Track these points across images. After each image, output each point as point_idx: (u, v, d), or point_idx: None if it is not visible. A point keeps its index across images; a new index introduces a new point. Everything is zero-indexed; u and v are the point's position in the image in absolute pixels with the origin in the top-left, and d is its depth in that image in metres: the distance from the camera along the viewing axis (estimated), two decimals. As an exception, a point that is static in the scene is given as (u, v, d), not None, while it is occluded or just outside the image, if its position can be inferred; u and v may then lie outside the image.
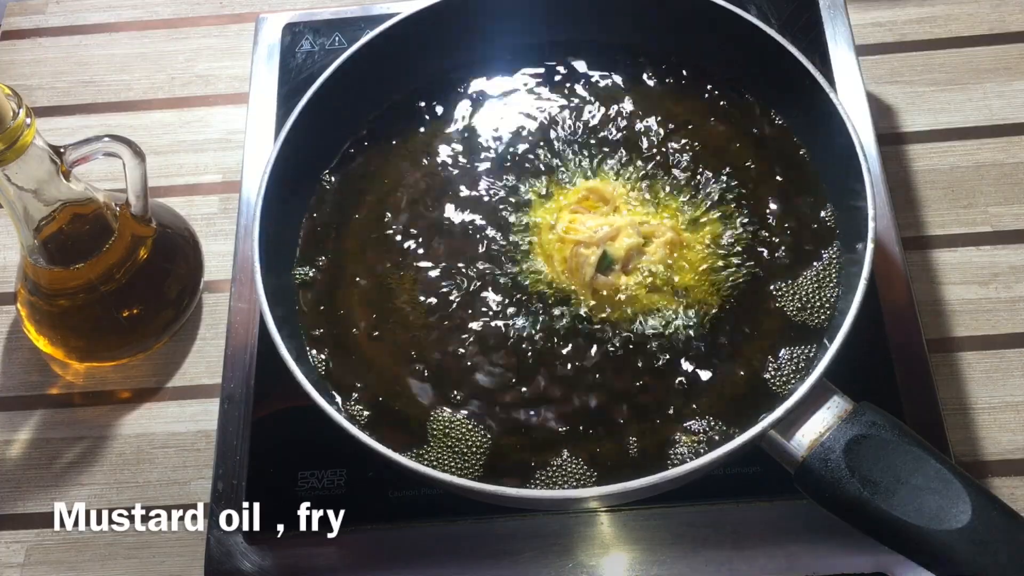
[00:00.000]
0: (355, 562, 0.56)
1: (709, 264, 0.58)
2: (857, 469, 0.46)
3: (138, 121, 0.79)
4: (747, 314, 0.56)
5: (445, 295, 0.59)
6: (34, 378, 0.68)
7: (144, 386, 0.67)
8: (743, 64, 0.63)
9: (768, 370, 0.54)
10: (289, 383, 0.52)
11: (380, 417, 0.55)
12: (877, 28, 0.77)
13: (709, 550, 0.54)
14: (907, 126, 0.72)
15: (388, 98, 0.66)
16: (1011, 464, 0.60)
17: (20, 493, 0.64)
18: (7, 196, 0.57)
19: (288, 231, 0.61)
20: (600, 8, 0.66)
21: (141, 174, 0.61)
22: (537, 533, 0.55)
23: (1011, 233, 0.68)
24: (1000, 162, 0.70)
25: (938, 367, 0.63)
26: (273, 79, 0.71)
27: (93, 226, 0.62)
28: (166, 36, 0.83)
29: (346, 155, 0.65)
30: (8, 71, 0.82)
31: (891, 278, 0.60)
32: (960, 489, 0.45)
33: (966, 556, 0.44)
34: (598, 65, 0.67)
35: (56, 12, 0.85)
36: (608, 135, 0.64)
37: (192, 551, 0.60)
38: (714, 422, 0.53)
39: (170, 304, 0.67)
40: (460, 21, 0.65)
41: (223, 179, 0.75)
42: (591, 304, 0.57)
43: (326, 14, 0.74)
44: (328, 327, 0.58)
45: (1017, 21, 0.76)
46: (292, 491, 0.56)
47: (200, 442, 0.65)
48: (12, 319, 0.70)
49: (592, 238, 0.57)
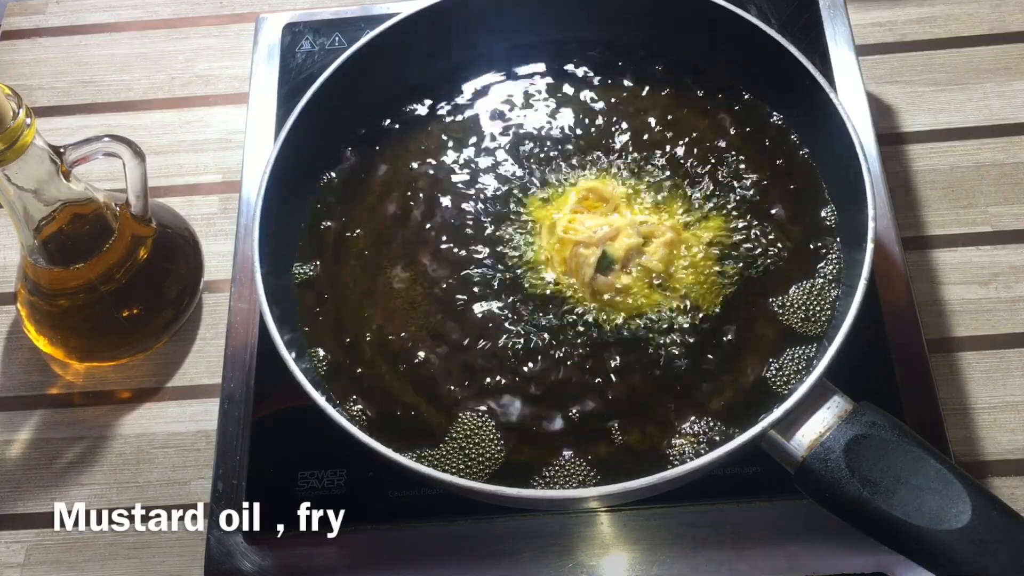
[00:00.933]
0: (355, 562, 0.56)
1: (709, 264, 0.58)
2: (857, 469, 0.46)
3: (138, 121, 0.79)
4: (747, 314, 0.56)
5: (445, 295, 0.58)
6: (34, 378, 0.68)
7: (144, 386, 0.67)
8: (743, 64, 0.63)
9: (768, 370, 0.54)
10: (289, 383, 0.52)
11: (380, 417, 0.55)
12: (877, 28, 0.77)
13: (709, 550, 0.54)
14: (907, 126, 0.72)
15: (388, 98, 0.66)
16: (1011, 464, 0.60)
17: (20, 493, 0.64)
18: (7, 196, 0.57)
19: (288, 231, 0.61)
20: (600, 8, 0.66)
21: (141, 174, 0.61)
22: (537, 533, 0.55)
23: (1011, 233, 0.68)
24: (1000, 162, 0.70)
25: (938, 367, 0.63)
26: (273, 79, 0.71)
27: (93, 226, 0.62)
28: (166, 36, 0.83)
29: (346, 155, 0.65)
30: (8, 71, 0.82)
31: (891, 278, 0.60)
32: (960, 489, 0.45)
33: (966, 556, 0.44)
34: (598, 65, 0.67)
35: (56, 12, 0.85)
36: (608, 135, 0.64)
37: (192, 551, 0.60)
38: (714, 422, 0.53)
39: (170, 304, 0.67)
40: (460, 21, 0.65)
41: (223, 179, 0.75)
42: (591, 304, 0.57)
43: (326, 14, 0.74)
44: (328, 327, 0.58)
45: (1017, 21, 0.76)
46: (292, 491, 0.56)
47: (200, 442, 0.65)
48: (12, 319, 0.70)
49: (592, 238, 0.57)
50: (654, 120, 0.64)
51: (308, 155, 0.62)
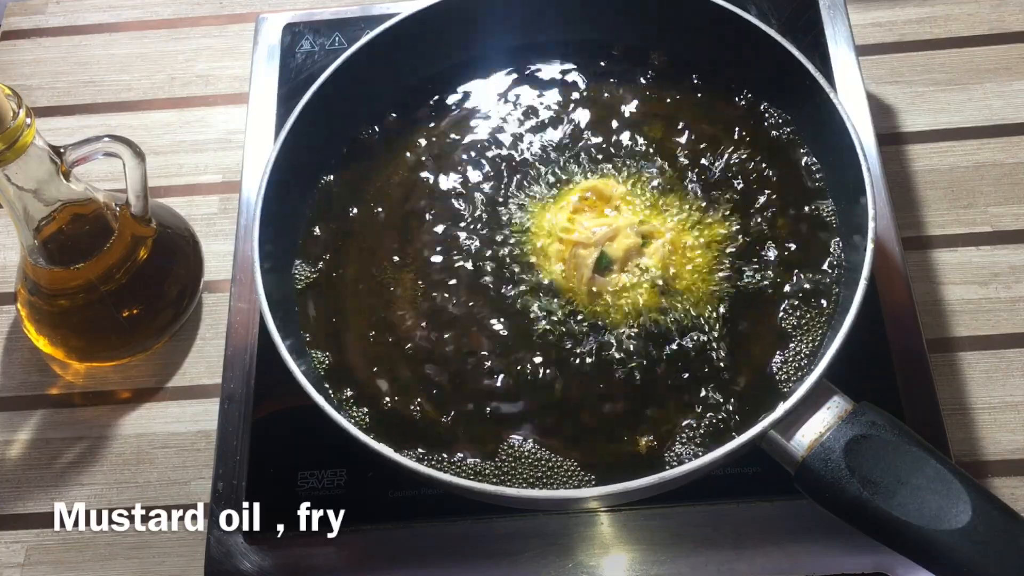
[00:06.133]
0: (355, 562, 0.56)
1: (708, 264, 0.58)
2: (857, 469, 0.46)
3: (138, 121, 0.79)
4: (746, 314, 0.56)
5: (445, 294, 0.58)
6: (34, 378, 0.68)
7: (144, 386, 0.67)
8: (743, 64, 0.63)
9: (768, 370, 0.54)
10: (289, 383, 0.52)
11: (380, 416, 0.55)
12: (877, 28, 0.77)
13: (709, 550, 0.54)
14: (907, 126, 0.72)
15: (388, 98, 0.66)
16: (1011, 464, 0.60)
17: (20, 493, 0.64)
18: (7, 196, 0.57)
19: (288, 231, 0.61)
20: (600, 9, 0.66)
21: (141, 174, 0.61)
22: (537, 533, 0.55)
23: (1011, 233, 0.68)
24: (1000, 162, 0.70)
25: (938, 367, 0.63)
26: (273, 79, 0.71)
27: (93, 226, 0.62)
28: (166, 36, 0.83)
29: (346, 155, 0.65)
30: (8, 71, 0.82)
31: (891, 278, 0.60)
32: (960, 489, 0.45)
33: (966, 556, 0.44)
34: (598, 66, 0.67)
35: (56, 12, 0.85)
36: (608, 135, 0.64)
37: (192, 551, 0.60)
38: (714, 422, 0.53)
39: (170, 304, 0.67)
40: (460, 21, 0.65)
41: (223, 179, 0.75)
42: (589, 305, 0.57)
43: (326, 14, 0.74)
44: (328, 327, 0.58)
45: (1017, 21, 0.76)
46: (292, 491, 0.56)
47: (200, 442, 0.65)
48: (12, 319, 0.70)
49: (590, 239, 0.57)
50: (654, 120, 0.64)
51: (308, 155, 0.62)
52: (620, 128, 0.64)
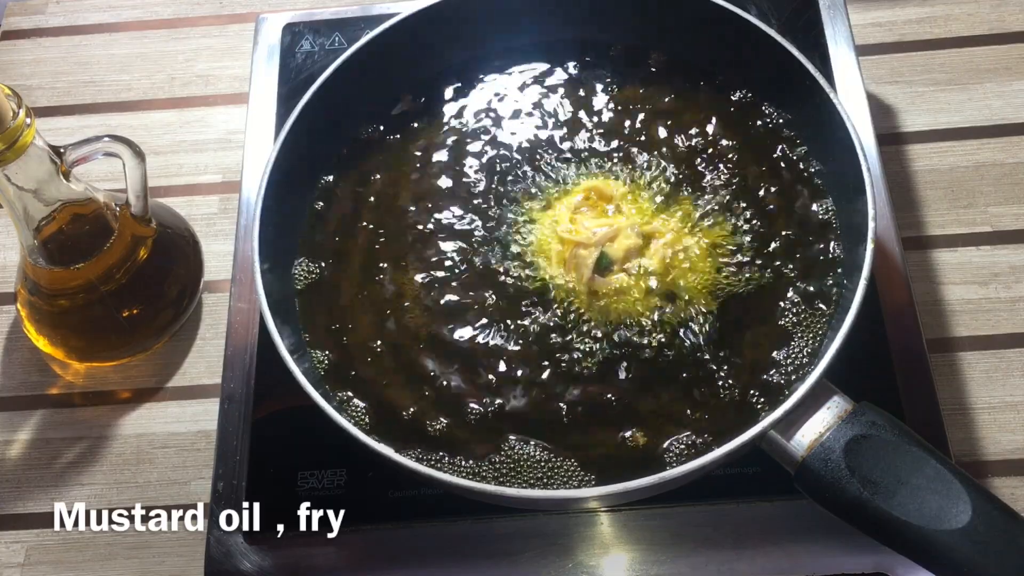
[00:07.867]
0: (355, 562, 0.56)
1: (708, 264, 0.58)
2: (857, 469, 0.46)
3: (138, 121, 0.79)
4: (746, 314, 0.56)
5: (445, 294, 0.58)
6: (34, 378, 0.68)
7: (144, 386, 0.67)
8: (743, 64, 0.63)
9: (768, 370, 0.54)
10: (289, 383, 0.52)
11: (380, 416, 0.55)
12: (877, 28, 0.77)
13: (709, 550, 0.54)
14: (907, 126, 0.72)
15: (388, 98, 0.66)
16: (1011, 464, 0.60)
17: (20, 493, 0.64)
18: (7, 196, 0.57)
19: (288, 231, 0.61)
20: (600, 8, 0.66)
21: (141, 174, 0.61)
22: (537, 533, 0.55)
23: (1011, 233, 0.68)
24: (1000, 162, 0.70)
25: (938, 367, 0.63)
26: (273, 79, 0.71)
27: (93, 226, 0.62)
28: (166, 36, 0.83)
29: (346, 155, 0.65)
30: (8, 71, 0.82)
31: (891, 278, 0.60)
32: (960, 489, 0.45)
33: (966, 556, 0.44)
34: (598, 65, 0.67)
35: (56, 12, 0.85)
36: (608, 135, 0.64)
37: (192, 551, 0.60)
38: (714, 422, 0.53)
39: (170, 304, 0.67)
40: (460, 21, 0.65)
41: (223, 179, 0.75)
42: (589, 305, 0.57)
43: (326, 14, 0.74)
44: (328, 327, 0.58)
45: (1017, 21, 0.76)
46: (292, 491, 0.56)
47: (200, 442, 0.65)
48: (12, 319, 0.70)
49: (590, 239, 0.57)
50: (654, 120, 0.64)
51: (308, 155, 0.62)
52: (620, 128, 0.64)
